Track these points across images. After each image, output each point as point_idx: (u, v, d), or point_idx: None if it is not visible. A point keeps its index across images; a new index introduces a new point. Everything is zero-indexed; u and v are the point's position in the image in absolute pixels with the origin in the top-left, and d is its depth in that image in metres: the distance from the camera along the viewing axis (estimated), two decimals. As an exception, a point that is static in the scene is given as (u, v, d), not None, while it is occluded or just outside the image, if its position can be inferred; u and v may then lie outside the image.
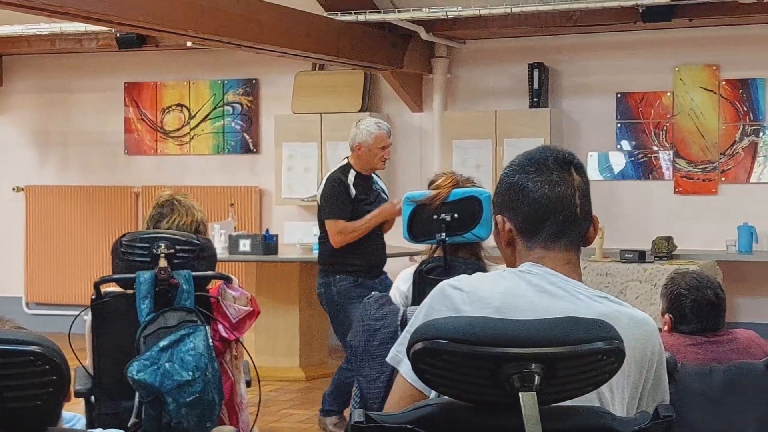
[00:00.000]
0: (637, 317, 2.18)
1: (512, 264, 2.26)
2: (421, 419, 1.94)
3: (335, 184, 6.31)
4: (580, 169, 2.26)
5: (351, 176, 6.33)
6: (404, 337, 2.16)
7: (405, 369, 2.15)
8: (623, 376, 2.10)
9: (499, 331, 1.88)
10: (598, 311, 2.11)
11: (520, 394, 1.83)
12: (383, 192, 6.53)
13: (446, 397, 1.97)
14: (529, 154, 2.25)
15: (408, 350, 1.93)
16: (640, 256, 7.90)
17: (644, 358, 2.18)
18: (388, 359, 2.24)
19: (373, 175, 6.52)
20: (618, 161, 9.06)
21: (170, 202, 4.27)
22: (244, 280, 8.43)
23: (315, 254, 8.08)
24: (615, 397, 2.11)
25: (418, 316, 2.16)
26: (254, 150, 10.15)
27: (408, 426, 1.93)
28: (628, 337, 1.98)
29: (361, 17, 8.26)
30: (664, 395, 2.25)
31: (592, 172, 9.11)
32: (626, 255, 7.95)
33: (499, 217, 2.27)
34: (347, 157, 6.45)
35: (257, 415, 4.09)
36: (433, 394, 2.09)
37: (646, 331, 2.18)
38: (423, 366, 1.92)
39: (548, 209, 2.20)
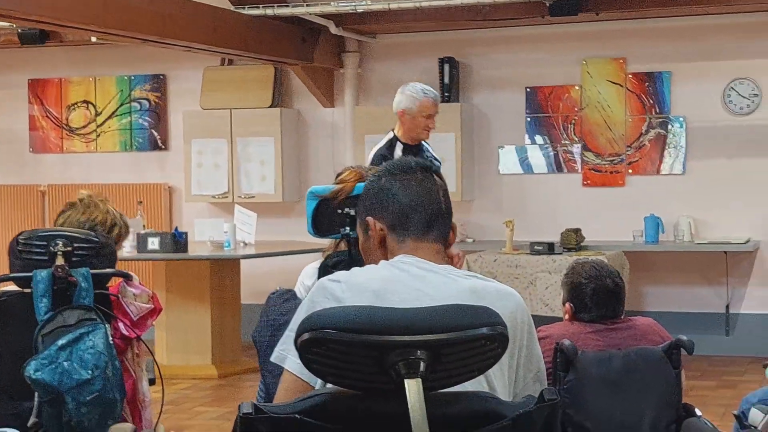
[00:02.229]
0: (503, 290, 2.29)
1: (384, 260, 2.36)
2: (310, 409, 1.95)
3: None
4: (440, 176, 2.45)
5: (398, 150, 5.96)
6: (287, 336, 2.23)
7: (291, 364, 2.22)
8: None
9: (384, 320, 1.90)
10: (467, 287, 2.23)
11: (405, 381, 1.84)
12: (436, 161, 6.06)
13: (333, 386, 1.97)
14: (392, 163, 2.44)
15: (296, 341, 1.94)
16: (549, 248, 7.99)
17: (515, 328, 2.25)
18: (272, 358, 2.30)
19: (423, 143, 6.14)
20: (527, 155, 9.14)
21: (75, 201, 4.21)
22: (153, 279, 8.36)
23: (226, 251, 8.07)
24: (496, 375, 2.18)
25: (300, 312, 2.20)
26: (162, 147, 10.04)
27: (297, 416, 1.94)
28: (497, 308, 2.04)
29: (270, 11, 8.21)
30: (539, 364, 2.34)
31: (503, 165, 9.18)
32: (536, 247, 8.03)
33: (369, 219, 2.37)
34: (393, 129, 6.11)
35: (160, 412, 4.02)
36: (319, 384, 2.11)
37: (514, 302, 2.28)
38: (310, 356, 1.93)
39: (417, 203, 2.34)
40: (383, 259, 2.35)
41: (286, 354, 2.24)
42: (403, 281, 2.22)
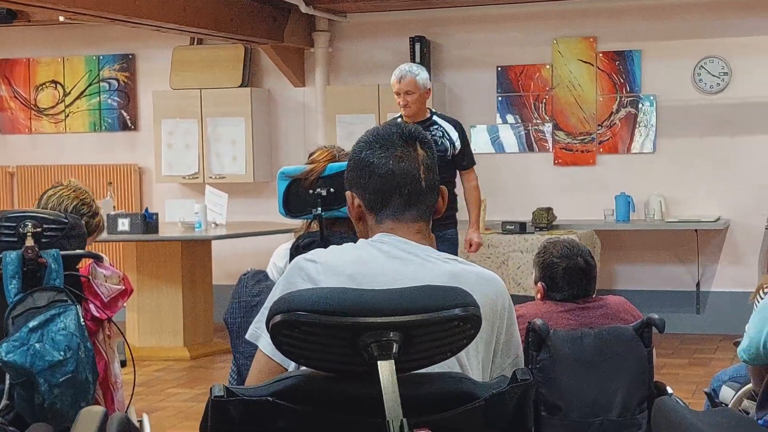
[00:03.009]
0: (485, 275, 2.24)
1: (365, 238, 2.31)
2: (282, 391, 1.94)
3: None
4: (425, 144, 2.31)
5: None
6: (263, 314, 2.18)
7: (264, 344, 2.18)
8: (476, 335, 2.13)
9: (356, 301, 1.88)
10: (447, 271, 2.17)
11: (378, 363, 1.84)
12: (445, 136, 6.28)
13: (306, 368, 1.96)
14: (376, 130, 2.31)
15: (267, 323, 1.92)
16: (521, 227, 8.01)
17: (495, 314, 2.22)
18: (247, 336, 2.25)
19: (436, 120, 6.32)
20: (499, 134, 9.14)
21: (63, 182, 4.23)
22: (123, 260, 8.32)
23: (197, 232, 8.03)
24: (470, 355, 2.16)
25: (275, 291, 2.17)
26: (132, 127, 9.97)
27: (269, 398, 1.93)
28: (477, 294, 2.02)
29: (239, -9, 8.16)
30: (517, 350, 2.31)
31: (475, 145, 9.17)
32: (508, 226, 8.05)
33: (348, 193, 2.32)
34: None
35: (132, 394, 4.00)
36: (292, 366, 2.09)
37: (495, 288, 2.24)
38: (282, 338, 1.92)
39: (393, 184, 2.25)
40: (363, 234, 2.30)
41: (260, 333, 2.21)
42: (381, 263, 2.18)
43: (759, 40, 8.48)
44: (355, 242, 2.64)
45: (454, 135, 6.41)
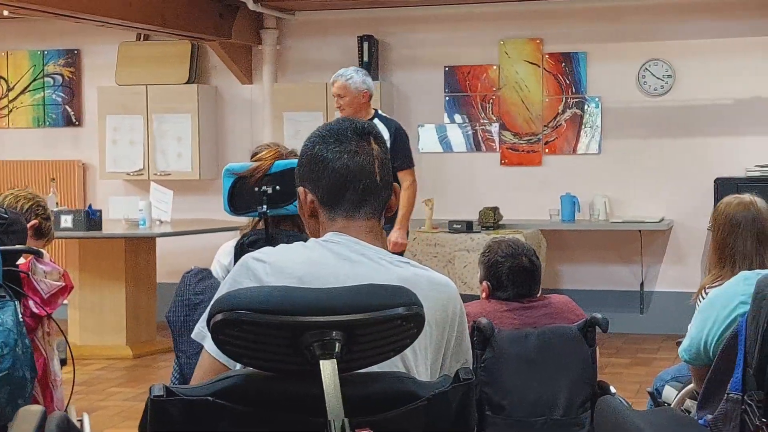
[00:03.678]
0: (437, 280, 2.21)
1: (316, 235, 2.27)
2: (223, 391, 1.92)
3: None
4: (379, 139, 2.29)
5: None
6: (208, 313, 2.13)
7: (209, 344, 2.14)
8: (426, 338, 2.12)
9: (298, 300, 1.87)
10: (398, 275, 2.14)
11: (320, 362, 1.82)
12: None
13: (249, 368, 1.94)
14: (329, 126, 2.28)
15: (208, 322, 1.90)
16: (468, 227, 8.04)
17: (445, 319, 2.20)
18: (193, 335, 2.22)
19: (375, 120, 6.44)
20: (446, 134, 9.16)
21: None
22: (66, 257, 8.22)
23: (141, 229, 7.96)
24: (419, 359, 2.13)
25: (222, 290, 2.13)
26: (77, 123, 9.86)
27: (209, 398, 1.90)
28: (428, 299, 2.00)
29: (186, -14, 8.09)
30: (467, 355, 2.28)
31: (423, 144, 9.20)
32: (454, 225, 8.07)
33: (301, 189, 2.27)
34: None
35: (71, 392, 3.94)
36: (237, 367, 2.06)
37: (446, 293, 2.21)
38: (224, 337, 1.89)
39: (348, 179, 2.22)
40: (315, 231, 2.26)
41: (205, 332, 2.14)
42: (331, 265, 2.14)
43: (702, 43, 8.58)
44: (301, 240, 2.63)
45: (386, 135, 6.41)
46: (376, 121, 6.54)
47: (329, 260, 2.15)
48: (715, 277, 3.67)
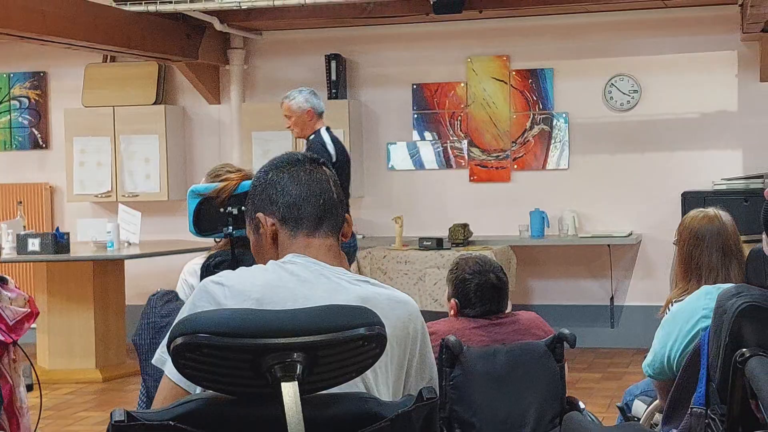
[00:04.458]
0: (397, 298, 2.22)
1: (276, 259, 2.28)
2: (184, 415, 1.90)
3: None
4: (328, 167, 2.37)
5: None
6: (168, 338, 2.12)
7: (169, 369, 2.14)
8: (387, 357, 2.12)
9: (259, 322, 1.86)
10: (357, 294, 2.15)
11: (281, 384, 1.81)
12: (325, 149, 6.71)
13: (210, 392, 1.93)
14: (278, 158, 2.36)
15: (168, 346, 1.88)
16: (438, 243, 8.05)
17: (407, 337, 2.20)
18: (153, 361, 2.22)
19: (322, 132, 6.79)
20: (416, 151, 9.17)
21: None
22: (34, 281, 8.16)
23: (110, 252, 7.91)
24: (379, 379, 2.13)
25: (182, 314, 2.12)
26: (43, 145, 9.81)
27: (170, 423, 1.89)
28: (389, 317, 2.01)
29: (152, 7, 8.06)
30: (431, 372, 2.28)
31: (392, 162, 9.21)
32: (425, 242, 8.08)
33: (260, 215, 2.30)
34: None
35: (39, 418, 3.91)
36: (198, 390, 2.05)
37: (407, 311, 2.22)
38: (184, 361, 1.88)
39: (307, 194, 2.27)
40: (274, 255, 2.27)
41: (165, 357, 2.15)
42: (289, 287, 2.14)
43: (667, 59, 8.64)
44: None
45: (331, 150, 6.78)
46: (323, 133, 6.76)
47: (288, 282, 2.16)
48: (682, 291, 3.69)
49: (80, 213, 9.53)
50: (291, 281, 2.16)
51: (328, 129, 6.95)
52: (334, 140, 6.93)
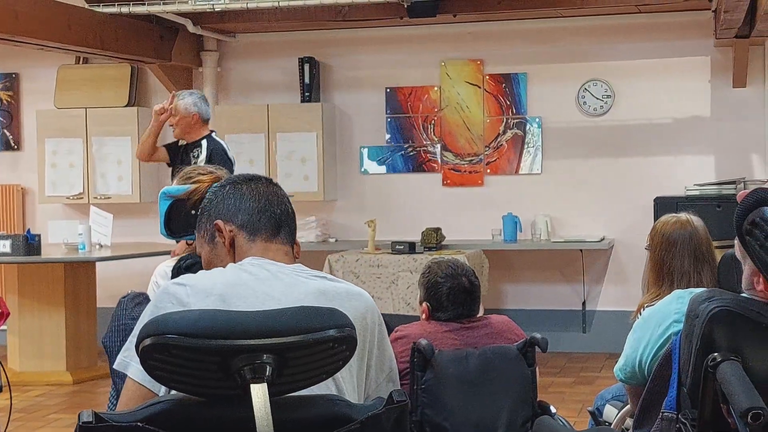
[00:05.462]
0: (353, 291, 2.29)
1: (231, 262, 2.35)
2: (152, 417, 1.89)
3: None
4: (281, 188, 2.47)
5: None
6: (131, 342, 2.16)
7: (133, 371, 2.17)
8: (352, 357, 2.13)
9: (228, 323, 1.86)
10: (316, 288, 2.20)
11: (250, 386, 1.80)
12: (200, 158, 6.74)
13: (178, 393, 1.92)
14: (234, 176, 2.47)
15: (137, 347, 1.87)
16: (411, 247, 8.04)
17: (365, 328, 2.25)
18: (115, 365, 2.23)
19: (203, 142, 6.77)
20: (388, 155, 9.17)
21: None
22: (4, 283, 8.10)
23: (81, 254, 7.86)
24: (344, 374, 2.16)
25: (145, 317, 2.13)
26: (15, 147, 9.75)
27: (138, 424, 1.88)
28: (347, 308, 2.03)
29: (125, 9, 8.02)
30: (390, 364, 2.34)
31: (366, 166, 9.20)
32: (397, 246, 8.07)
33: (219, 222, 2.35)
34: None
35: (8, 420, 3.88)
36: (162, 391, 2.05)
37: (364, 303, 2.28)
38: (152, 362, 1.87)
39: (265, 205, 2.35)
40: (230, 261, 2.31)
41: (128, 361, 2.19)
42: (250, 285, 2.18)
43: (640, 64, 8.68)
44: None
45: (203, 154, 6.79)
46: (205, 142, 6.78)
47: (247, 281, 2.20)
48: (654, 296, 3.70)
49: (52, 215, 9.48)
50: (250, 280, 2.20)
51: (209, 136, 6.91)
52: (229, 148, 6.97)
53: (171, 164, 6.90)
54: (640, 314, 3.66)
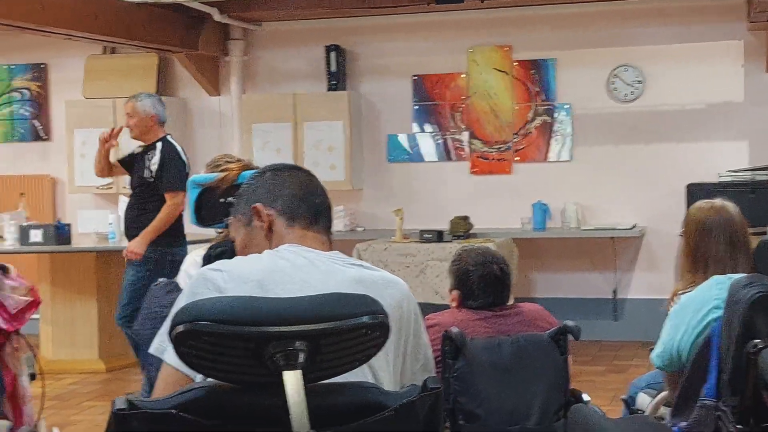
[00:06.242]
0: (390, 279, 2.27)
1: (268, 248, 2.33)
2: (186, 403, 1.88)
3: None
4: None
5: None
6: (166, 327, 2.13)
7: (169, 356, 2.15)
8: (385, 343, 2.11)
9: (262, 310, 1.84)
10: (352, 276, 2.19)
11: (284, 373, 1.78)
12: (154, 161, 6.89)
13: (212, 380, 1.90)
14: (274, 164, 2.48)
15: (170, 333, 1.86)
16: (439, 236, 8.01)
17: (402, 316, 2.23)
18: (151, 350, 2.21)
19: (158, 144, 6.89)
20: (416, 143, 9.13)
21: None
22: (37, 272, 8.15)
23: (111, 243, 7.90)
24: (380, 361, 2.14)
25: (180, 302, 2.11)
26: (45, 137, 9.79)
27: (172, 411, 1.86)
28: (383, 296, 2.02)
29: (152, -2, 8.02)
30: (426, 352, 2.32)
31: (392, 154, 9.16)
32: (425, 235, 8.04)
33: (259, 205, 2.34)
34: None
35: (42, 407, 3.89)
36: (199, 377, 2.03)
37: (400, 291, 2.26)
38: (186, 349, 1.86)
39: (305, 193, 2.35)
40: (267, 246, 2.30)
41: (165, 346, 2.17)
42: (287, 272, 2.17)
43: (672, 48, 8.59)
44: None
45: (156, 157, 6.88)
46: (159, 145, 6.87)
47: (284, 267, 2.19)
48: (688, 283, 3.65)
49: (82, 204, 9.52)
50: (287, 267, 2.19)
51: (164, 138, 7.00)
52: (183, 150, 7.06)
53: (131, 174, 7.06)
54: (675, 302, 3.61)
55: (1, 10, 6.74)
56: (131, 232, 6.94)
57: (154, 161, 6.85)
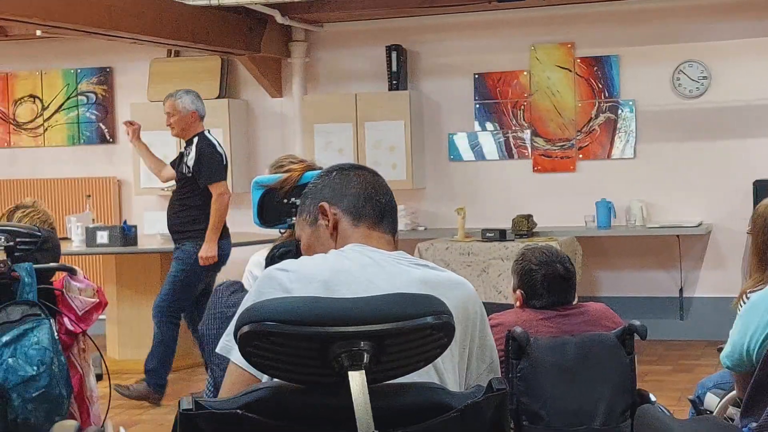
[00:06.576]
0: (455, 279, 2.26)
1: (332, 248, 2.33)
2: (251, 404, 1.89)
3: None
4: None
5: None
6: (233, 326, 2.13)
7: (236, 356, 2.15)
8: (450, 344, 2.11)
9: (326, 310, 1.84)
10: (418, 276, 2.18)
11: (348, 374, 1.79)
12: (191, 157, 6.98)
13: (277, 380, 1.91)
14: (341, 163, 2.48)
15: (235, 333, 1.87)
16: (501, 235, 7.97)
17: (467, 317, 2.22)
18: (218, 349, 2.23)
19: (195, 139, 7.02)
20: (478, 142, 9.11)
21: (14, 207, 4.23)
22: (102, 273, 8.26)
23: (176, 244, 7.96)
24: (446, 362, 2.13)
25: (247, 302, 2.12)
26: (111, 140, 9.92)
27: (238, 411, 1.88)
28: (449, 297, 2.01)
29: (215, 1, 8.09)
30: (492, 354, 2.31)
31: (453, 153, 9.15)
32: (487, 234, 8.01)
33: (324, 204, 2.34)
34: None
35: (108, 407, 3.94)
36: (265, 378, 2.04)
37: (466, 292, 2.25)
38: (251, 349, 1.87)
39: (371, 193, 2.35)
40: (331, 246, 2.30)
41: (231, 345, 2.17)
42: (353, 272, 2.17)
43: (738, 44, 8.48)
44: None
45: (191, 155, 6.97)
46: (196, 140, 6.96)
47: (351, 267, 2.19)
48: (757, 282, 3.60)
49: (147, 206, 9.63)
50: (353, 267, 2.19)
51: (209, 132, 7.13)
52: (219, 143, 7.15)
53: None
54: (743, 300, 3.57)
55: (68, 16, 6.84)
56: (174, 227, 7.03)
57: (191, 156, 6.95)
